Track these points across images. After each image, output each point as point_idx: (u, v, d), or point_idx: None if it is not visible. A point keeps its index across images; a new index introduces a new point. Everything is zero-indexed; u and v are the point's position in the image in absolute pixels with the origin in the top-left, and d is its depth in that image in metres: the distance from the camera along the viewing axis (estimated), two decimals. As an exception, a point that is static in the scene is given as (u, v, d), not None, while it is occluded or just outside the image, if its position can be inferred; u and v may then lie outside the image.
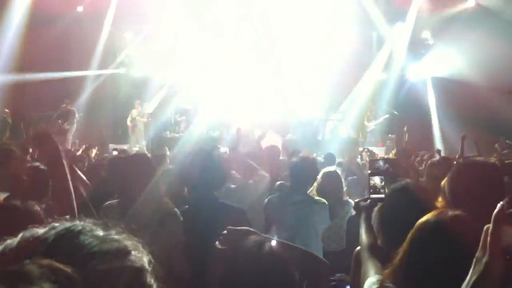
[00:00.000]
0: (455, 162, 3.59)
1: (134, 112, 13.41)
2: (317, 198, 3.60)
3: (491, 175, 2.02)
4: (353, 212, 3.48)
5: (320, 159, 6.46)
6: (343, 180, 4.30)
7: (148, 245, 0.74)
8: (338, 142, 11.77)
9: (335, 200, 3.90)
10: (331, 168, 4.51)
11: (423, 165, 5.04)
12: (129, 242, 0.72)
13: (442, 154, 6.59)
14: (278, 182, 4.01)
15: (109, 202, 2.58)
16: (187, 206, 2.74)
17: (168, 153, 5.88)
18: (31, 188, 2.92)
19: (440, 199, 2.22)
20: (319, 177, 4.01)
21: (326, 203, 3.53)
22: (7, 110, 11.55)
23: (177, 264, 2.44)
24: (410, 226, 1.49)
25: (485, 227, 1.14)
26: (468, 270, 1.16)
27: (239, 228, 1.68)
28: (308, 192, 3.68)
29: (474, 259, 1.16)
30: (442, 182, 2.23)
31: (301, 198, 3.52)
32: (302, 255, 1.80)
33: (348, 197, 4.13)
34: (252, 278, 1.30)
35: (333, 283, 3.16)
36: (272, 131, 12.90)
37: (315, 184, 3.95)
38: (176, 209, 2.56)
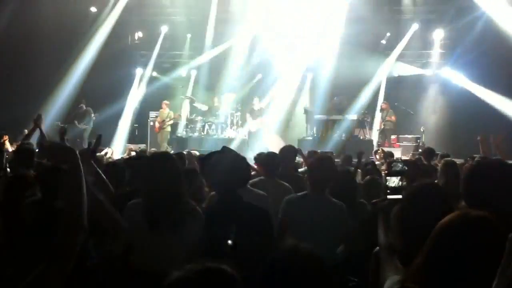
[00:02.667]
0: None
1: (163, 114, 13.01)
2: (334, 199, 3.59)
3: (506, 176, 1.99)
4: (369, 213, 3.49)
5: (337, 159, 6.46)
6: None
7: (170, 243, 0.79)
8: (354, 142, 11.73)
9: (350, 200, 3.89)
10: (347, 168, 4.51)
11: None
12: None
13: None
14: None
15: (133, 201, 2.63)
16: (204, 206, 2.77)
17: (185, 152, 5.95)
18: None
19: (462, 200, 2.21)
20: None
21: (344, 205, 3.53)
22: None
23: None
24: (430, 227, 1.48)
25: (510, 235, 1.11)
26: (492, 272, 1.15)
27: None
28: (325, 192, 3.68)
29: (499, 269, 1.14)
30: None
31: (319, 199, 3.53)
32: None
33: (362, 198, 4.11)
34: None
35: (351, 284, 3.17)
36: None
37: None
38: (198, 207, 2.59)
